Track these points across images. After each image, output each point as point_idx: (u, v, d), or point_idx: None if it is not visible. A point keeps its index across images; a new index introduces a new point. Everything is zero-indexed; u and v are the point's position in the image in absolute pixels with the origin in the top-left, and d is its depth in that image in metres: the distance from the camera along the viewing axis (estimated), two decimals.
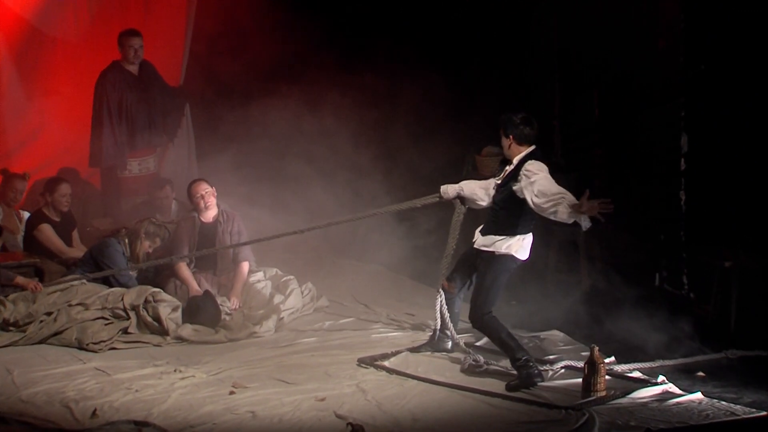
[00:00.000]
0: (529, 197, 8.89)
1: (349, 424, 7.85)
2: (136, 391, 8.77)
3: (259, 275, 11.35)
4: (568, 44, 12.63)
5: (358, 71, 13.75)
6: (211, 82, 13.98)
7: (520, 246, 9.10)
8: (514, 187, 9.03)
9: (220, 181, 12.04)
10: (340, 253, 13.28)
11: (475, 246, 9.30)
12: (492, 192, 9.35)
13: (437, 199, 9.81)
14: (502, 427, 7.95)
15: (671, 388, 8.52)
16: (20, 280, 10.17)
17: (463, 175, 12.79)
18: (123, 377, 9.18)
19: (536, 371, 8.82)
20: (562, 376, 8.91)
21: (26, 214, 12.35)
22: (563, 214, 8.74)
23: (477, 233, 9.35)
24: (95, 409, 8.33)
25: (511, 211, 9.09)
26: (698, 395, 8.36)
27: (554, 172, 12.49)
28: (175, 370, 9.26)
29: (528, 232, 9.17)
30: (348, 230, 12.36)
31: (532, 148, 9.18)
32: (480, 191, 9.51)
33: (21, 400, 8.63)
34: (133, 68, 12.95)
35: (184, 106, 13.70)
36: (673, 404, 8.23)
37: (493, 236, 9.16)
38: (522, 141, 9.18)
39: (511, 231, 9.10)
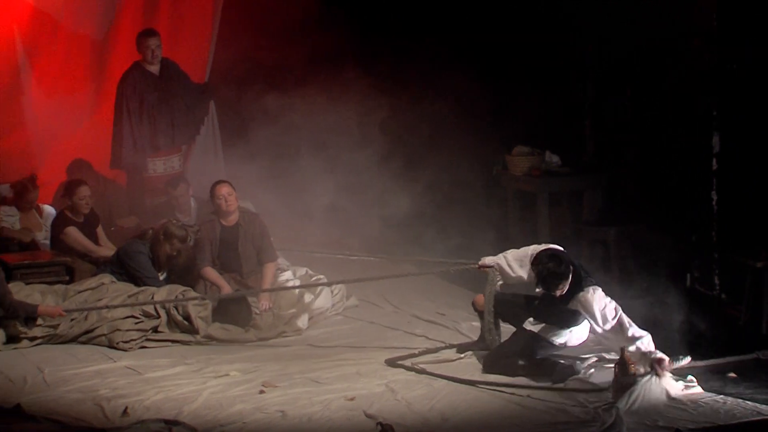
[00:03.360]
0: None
1: (378, 423, 7.86)
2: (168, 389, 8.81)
3: (288, 274, 11.34)
4: (602, 43, 12.58)
5: (394, 72, 13.73)
6: (239, 78, 13.96)
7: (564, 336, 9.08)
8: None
9: (247, 182, 12.07)
10: (370, 252, 13.26)
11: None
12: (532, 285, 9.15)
13: (474, 266, 9.78)
14: (532, 427, 7.93)
15: (697, 387, 8.49)
16: (42, 309, 10.12)
17: (493, 173, 12.79)
18: (153, 376, 9.22)
19: (565, 364, 8.84)
20: (593, 377, 8.87)
21: (46, 208, 12.39)
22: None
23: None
24: (126, 408, 8.36)
25: (561, 317, 8.99)
26: (710, 395, 8.35)
27: (586, 172, 12.54)
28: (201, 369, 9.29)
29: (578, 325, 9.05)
30: (377, 231, 12.33)
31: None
32: (515, 264, 9.41)
33: (52, 398, 8.67)
34: (154, 68, 12.95)
35: (209, 103, 13.70)
36: (700, 404, 8.19)
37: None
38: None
39: (564, 325, 8.99)
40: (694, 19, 11.14)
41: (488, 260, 9.61)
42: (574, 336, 9.02)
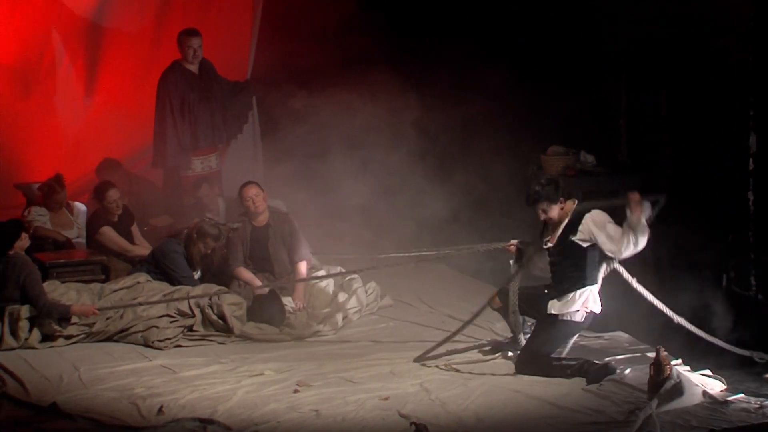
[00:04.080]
0: (606, 246, 8.90)
1: (412, 423, 7.85)
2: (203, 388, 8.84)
3: (322, 273, 11.35)
4: (636, 42, 12.52)
5: (427, 72, 13.72)
6: (282, 77, 13.99)
7: (590, 302, 9.08)
8: (575, 238, 8.99)
9: (281, 183, 12.09)
10: (405, 250, 13.25)
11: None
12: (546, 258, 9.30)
13: (501, 246, 9.94)
14: (567, 427, 7.93)
15: (724, 387, 8.47)
16: (76, 308, 10.17)
17: (528, 174, 12.74)
18: (188, 375, 9.26)
19: (600, 364, 8.84)
20: (628, 377, 8.84)
21: (77, 205, 12.44)
22: (635, 232, 8.72)
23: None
24: (161, 406, 8.40)
25: (574, 263, 9.07)
26: (741, 395, 8.32)
27: (621, 172, 12.48)
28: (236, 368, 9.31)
29: (596, 283, 9.13)
30: (410, 230, 12.32)
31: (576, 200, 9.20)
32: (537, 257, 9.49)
33: (88, 397, 8.71)
34: (194, 68, 13.00)
35: (250, 101, 13.74)
36: (734, 404, 8.17)
37: (561, 298, 9.11)
38: (569, 196, 9.16)
39: (577, 283, 9.06)
40: (729, 18, 11.07)
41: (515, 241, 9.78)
42: (590, 300, 9.04)
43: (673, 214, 11.87)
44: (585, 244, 9.01)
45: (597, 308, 9.18)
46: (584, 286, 9.08)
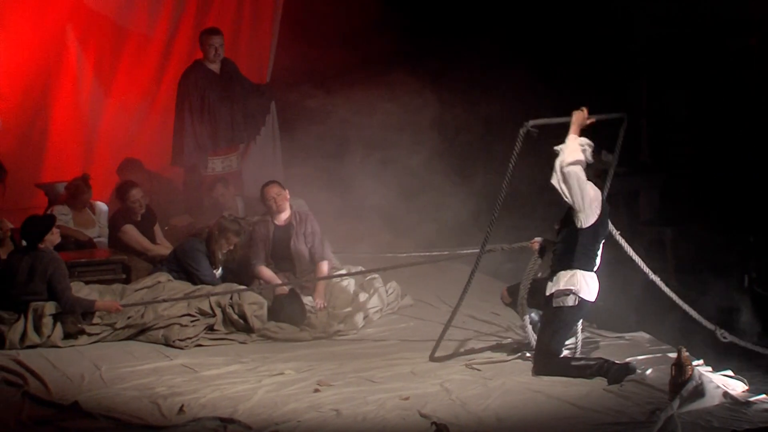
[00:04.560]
0: (555, 180, 9.02)
1: (433, 423, 7.85)
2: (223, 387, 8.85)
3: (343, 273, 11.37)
4: (657, 42, 12.50)
5: (447, 72, 13.71)
6: (301, 78, 14.00)
7: (578, 284, 9.02)
8: (552, 181, 9.10)
9: (301, 183, 12.10)
10: (425, 250, 13.25)
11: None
12: None
13: (525, 244, 9.92)
14: (587, 428, 7.90)
15: (745, 388, 8.44)
16: (101, 304, 10.24)
17: (547, 173, 12.71)
18: (209, 374, 9.27)
19: (621, 364, 8.82)
20: (649, 378, 8.82)
21: (99, 205, 12.48)
22: (571, 150, 8.94)
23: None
24: (182, 406, 8.41)
25: (567, 244, 9.07)
26: (763, 396, 8.28)
27: (642, 172, 12.46)
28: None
29: (588, 270, 9.09)
30: (429, 230, 12.32)
31: None
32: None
33: (109, 396, 8.74)
34: (215, 67, 13.03)
35: (270, 104, 13.78)
36: (756, 404, 8.15)
37: (552, 278, 9.13)
38: None
39: (567, 264, 9.06)
40: (751, 17, 11.05)
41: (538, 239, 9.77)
42: (582, 285, 9.02)
43: (694, 214, 11.89)
44: (579, 224, 9.00)
45: (589, 296, 9.09)
46: (571, 267, 9.05)
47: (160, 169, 13.70)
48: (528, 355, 9.47)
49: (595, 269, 9.12)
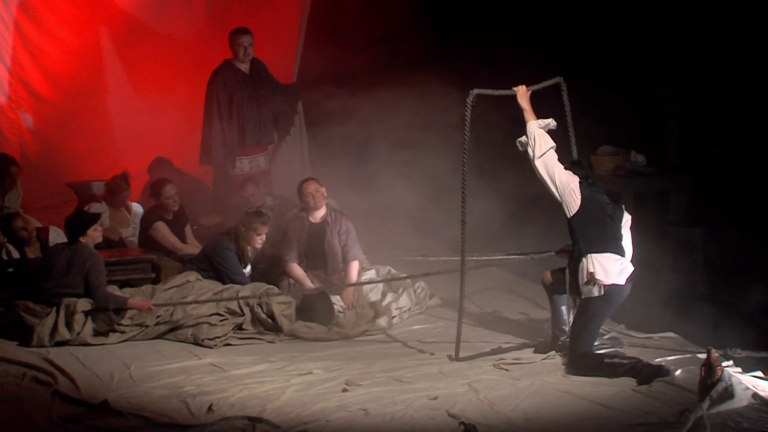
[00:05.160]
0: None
1: (461, 423, 7.84)
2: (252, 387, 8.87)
3: (372, 273, 11.37)
4: (687, 42, 12.45)
5: (475, 72, 13.68)
6: (328, 78, 14.01)
7: (592, 266, 9.01)
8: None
9: (329, 183, 12.08)
10: (453, 252, 13.23)
11: None
12: None
13: (552, 253, 9.99)
14: (616, 429, 7.89)
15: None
16: (133, 302, 10.30)
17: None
18: (238, 373, 9.29)
19: (654, 365, 8.79)
20: (678, 378, 8.79)
21: (135, 206, 12.53)
22: (538, 141, 9.17)
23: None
24: (211, 405, 8.43)
25: (571, 235, 9.21)
26: None
27: (671, 172, 12.41)
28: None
29: (599, 251, 9.08)
30: (456, 232, 12.30)
31: None
32: None
33: (138, 394, 8.77)
34: (245, 66, 13.07)
35: (297, 104, 13.80)
36: None
37: (575, 267, 9.17)
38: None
39: (578, 254, 9.12)
40: None
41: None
42: (598, 270, 9.03)
43: (724, 215, 11.83)
44: (567, 213, 9.15)
45: (608, 278, 9.06)
46: (582, 255, 9.08)
47: (189, 168, 13.76)
48: (555, 354, 9.46)
49: (611, 251, 9.10)
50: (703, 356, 8.49)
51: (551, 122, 9.37)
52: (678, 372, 8.84)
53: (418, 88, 12.99)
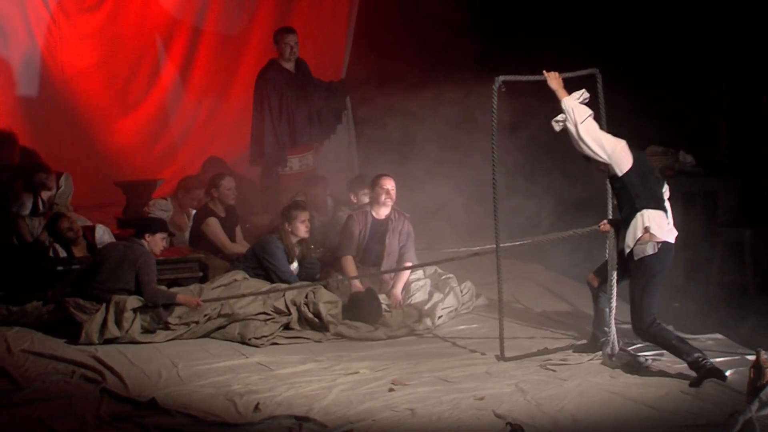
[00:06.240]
0: (579, 145, 9.12)
1: (508, 423, 7.83)
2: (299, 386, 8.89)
3: (419, 273, 11.37)
4: (736, 42, 12.38)
5: (522, 73, 13.66)
6: (376, 76, 14.02)
7: (649, 221, 8.91)
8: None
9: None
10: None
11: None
12: None
13: (594, 228, 9.81)
14: (664, 430, 7.84)
15: None
16: (182, 298, 10.37)
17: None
18: (284, 372, 9.31)
19: (714, 368, 8.72)
20: (728, 380, 8.73)
21: (194, 212, 12.60)
22: (576, 111, 9.08)
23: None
24: (258, 403, 8.45)
25: (622, 195, 9.07)
26: None
27: (720, 172, 12.34)
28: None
29: (653, 207, 8.98)
30: (505, 236, 12.29)
31: None
32: None
33: (186, 393, 8.82)
34: (290, 65, 13.11)
35: (344, 101, 13.81)
36: None
37: (624, 231, 9.03)
38: None
39: (631, 210, 8.98)
40: None
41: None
42: (653, 225, 8.93)
43: None
44: (618, 172, 9.01)
45: (664, 235, 8.96)
46: (636, 210, 8.95)
47: (242, 170, 13.82)
48: (602, 354, 9.42)
49: (662, 209, 9.04)
50: (752, 358, 8.43)
51: (584, 92, 9.30)
52: (727, 373, 8.78)
53: (464, 87, 12.97)
